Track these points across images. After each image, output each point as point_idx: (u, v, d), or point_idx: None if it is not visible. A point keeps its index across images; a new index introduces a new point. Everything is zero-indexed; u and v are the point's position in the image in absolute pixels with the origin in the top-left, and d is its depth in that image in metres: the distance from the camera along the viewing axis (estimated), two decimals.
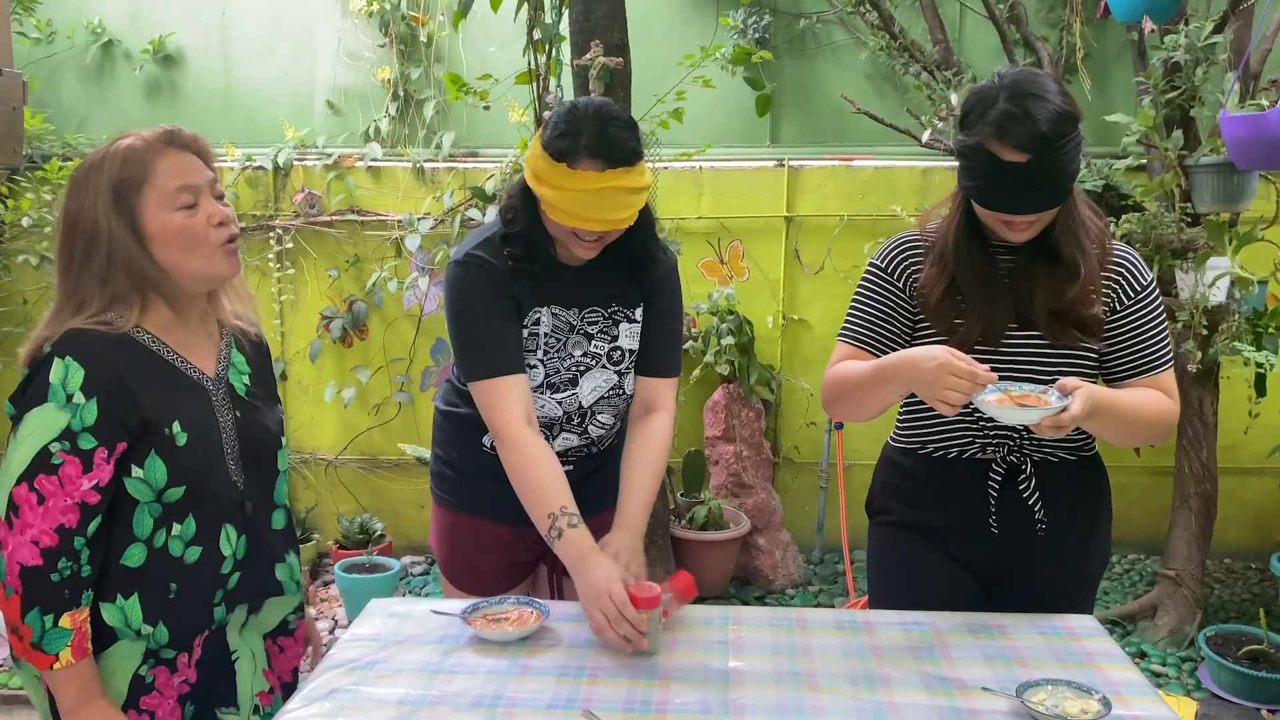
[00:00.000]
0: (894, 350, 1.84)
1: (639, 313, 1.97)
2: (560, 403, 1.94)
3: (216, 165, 1.67)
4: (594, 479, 2.04)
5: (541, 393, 1.92)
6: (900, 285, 1.88)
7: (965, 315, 1.82)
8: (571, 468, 1.97)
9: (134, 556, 1.56)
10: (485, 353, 1.84)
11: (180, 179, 1.55)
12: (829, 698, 1.56)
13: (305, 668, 1.82)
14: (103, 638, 1.55)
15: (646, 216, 1.90)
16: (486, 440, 1.98)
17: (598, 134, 1.73)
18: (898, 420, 2.04)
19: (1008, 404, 1.65)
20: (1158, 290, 1.85)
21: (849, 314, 1.92)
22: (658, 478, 1.94)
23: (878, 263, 1.91)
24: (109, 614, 1.55)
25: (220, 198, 1.61)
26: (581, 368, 1.94)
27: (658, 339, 2.00)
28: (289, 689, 1.81)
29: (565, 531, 1.75)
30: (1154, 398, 1.79)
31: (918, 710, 1.52)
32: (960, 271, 1.81)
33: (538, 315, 1.90)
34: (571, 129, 1.74)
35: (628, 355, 1.96)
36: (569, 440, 1.98)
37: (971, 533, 1.91)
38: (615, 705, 1.54)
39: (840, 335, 1.92)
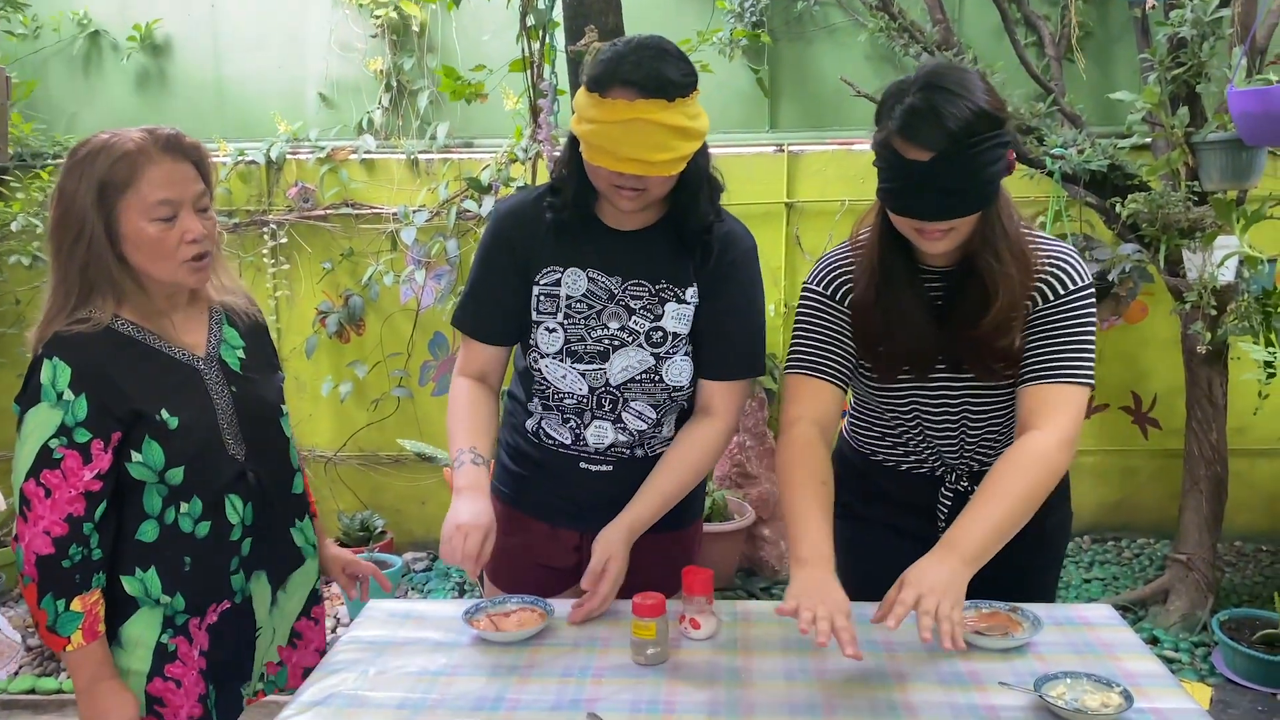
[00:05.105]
0: (844, 374, 1.76)
1: (691, 293, 1.81)
2: (584, 375, 1.81)
3: (213, 163, 1.70)
4: None
5: (561, 360, 1.81)
6: (843, 304, 1.77)
7: (887, 341, 1.72)
8: (610, 468, 1.87)
9: (147, 532, 1.64)
10: (469, 306, 1.89)
11: (164, 192, 1.58)
12: (841, 695, 1.52)
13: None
14: (125, 607, 1.64)
15: (700, 177, 1.76)
16: (530, 424, 1.91)
17: (634, 62, 1.61)
18: (849, 420, 1.99)
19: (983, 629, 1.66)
20: (1091, 298, 1.67)
21: (793, 342, 1.80)
22: (681, 480, 1.82)
23: (814, 285, 1.81)
24: (129, 585, 1.64)
25: (204, 211, 1.64)
26: (616, 342, 1.80)
27: (721, 337, 1.83)
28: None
29: (465, 464, 1.78)
30: (1020, 484, 1.56)
31: (933, 707, 1.47)
32: (883, 290, 1.70)
33: (557, 275, 1.80)
34: (610, 57, 1.64)
35: (670, 339, 1.80)
36: (603, 431, 1.84)
37: (921, 536, 1.86)
38: (621, 706, 1.50)
39: (788, 367, 1.79)
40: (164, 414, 1.60)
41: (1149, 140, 3.53)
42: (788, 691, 1.53)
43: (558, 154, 3.55)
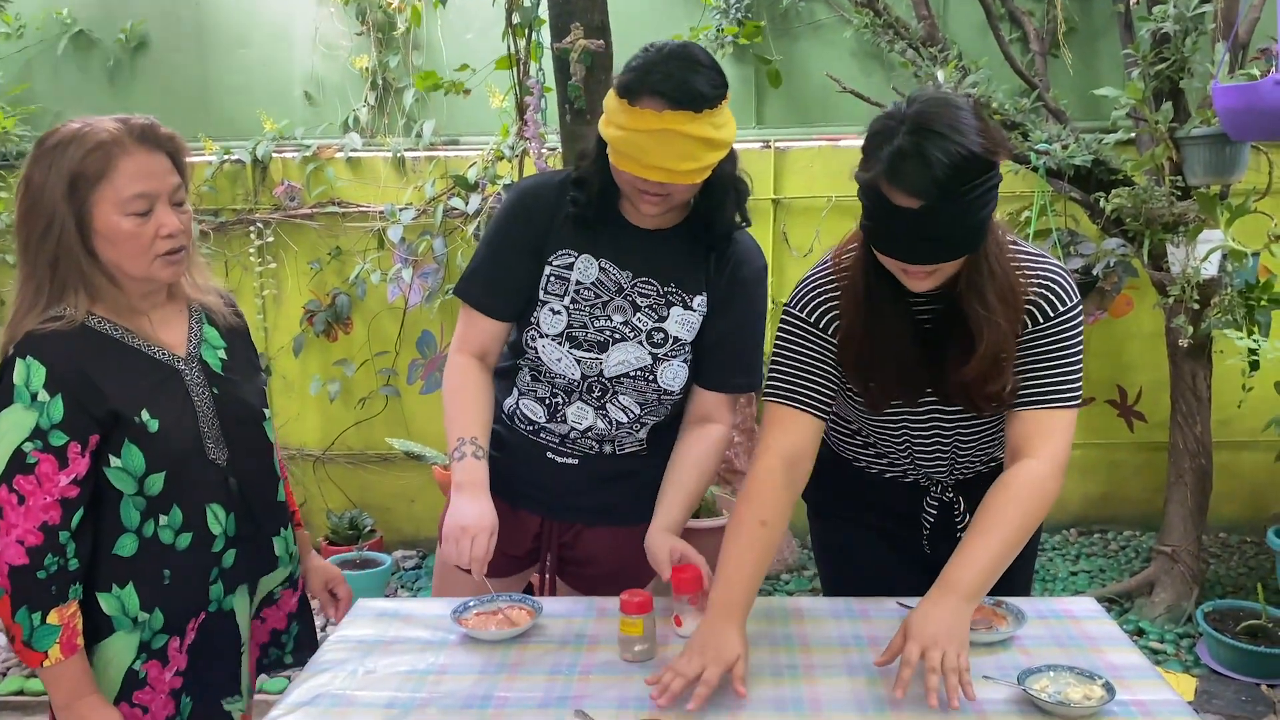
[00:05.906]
0: (825, 402, 1.70)
1: (699, 302, 1.81)
2: (579, 362, 1.80)
3: (190, 161, 1.63)
4: (611, 488, 1.89)
5: (560, 343, 1.80)
6: (828, 333, 1.70)
7: (877, 373, 1.67)
8: (576, 462, 1.87)
9: (125, 546, 1.56)
10: (477, 279, 1.86)
11: (139, 185, 1.51)
12: (827, 690, 1.53)
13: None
14: (101, 628, 1.56)
15: (726, 183, 1.77)
16: (507, 404, 1.91)
17: (664, 72, 1.62)
18: (830, 421, 1.99)
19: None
20: (1080, 319, 1.64)
21: (771, 367, 1.73)
22: (702, 482, 1.84)
23: (797, 311, 1.72)
24: (106, 603, 1.56)
25: (180, 204, 1.58)
26: (616, 336, 1.79)
27: (726, 351, 1.85)
28: (268, 648, 1.84)
29: (467, 457, 1.76)
30: (1016, 515, 1.55)
31: (918, 701, 1.48)
32: (871, 322, 1.64)
33: (571, 259, 1.80)
34: (641, 65, 1.65)
35: (670, 342, 1.80)
36: (584, 415, 1.83)
37: (903, 540, 1.89)
38: (608, 703, 1.51)
39: (766, 394, 1.73)
40: (144, 416, 1.53)
41: (1133, 135, 3.55)
42: (774, 687, 1.54)
43: (545, 150, 3.57)
